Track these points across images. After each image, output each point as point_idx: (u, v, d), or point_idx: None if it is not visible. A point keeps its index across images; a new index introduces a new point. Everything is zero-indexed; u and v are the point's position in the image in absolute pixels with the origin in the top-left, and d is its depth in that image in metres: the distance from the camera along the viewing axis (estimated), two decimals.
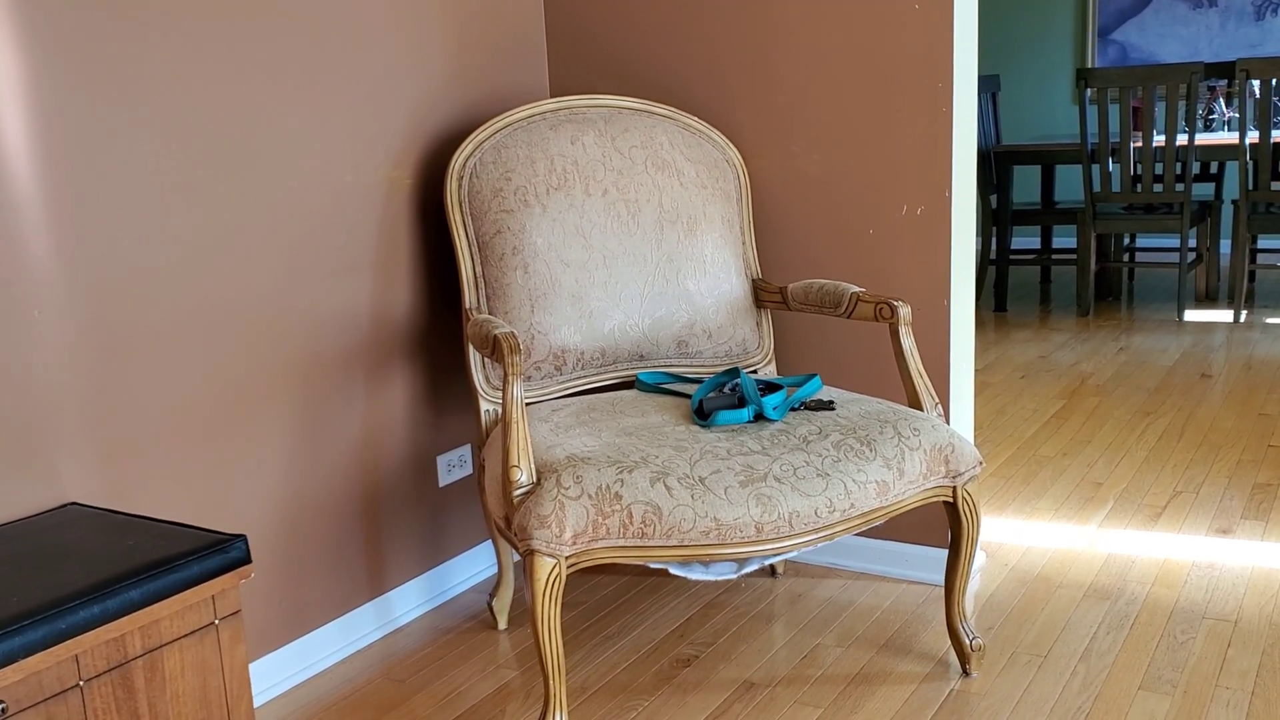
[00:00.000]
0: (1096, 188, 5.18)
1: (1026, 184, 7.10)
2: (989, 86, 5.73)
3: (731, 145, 2.55)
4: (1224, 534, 2.74)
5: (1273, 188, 4.87)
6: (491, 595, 2.42)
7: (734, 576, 1.95)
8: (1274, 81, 4.77)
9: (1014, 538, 2.78)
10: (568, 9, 2.75)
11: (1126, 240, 6.21)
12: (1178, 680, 2.08)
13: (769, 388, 2.22)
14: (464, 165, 2.35)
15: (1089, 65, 6.91)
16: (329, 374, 2.27)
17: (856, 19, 2.42)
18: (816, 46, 2.48)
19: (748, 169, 2.60)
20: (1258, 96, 4.83)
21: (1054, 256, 5.88)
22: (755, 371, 2.49)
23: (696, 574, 1.93)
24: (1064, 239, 6.98)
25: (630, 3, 2.68)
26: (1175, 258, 6.64)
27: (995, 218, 5.58)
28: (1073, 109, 6.96)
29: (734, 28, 2.57)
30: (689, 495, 1.84)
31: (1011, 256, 5.69)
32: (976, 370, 4.43)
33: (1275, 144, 4.83)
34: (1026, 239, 6.98)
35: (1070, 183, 6.82)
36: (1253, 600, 2.38)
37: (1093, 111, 6.76)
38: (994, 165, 5.54)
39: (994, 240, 5.73)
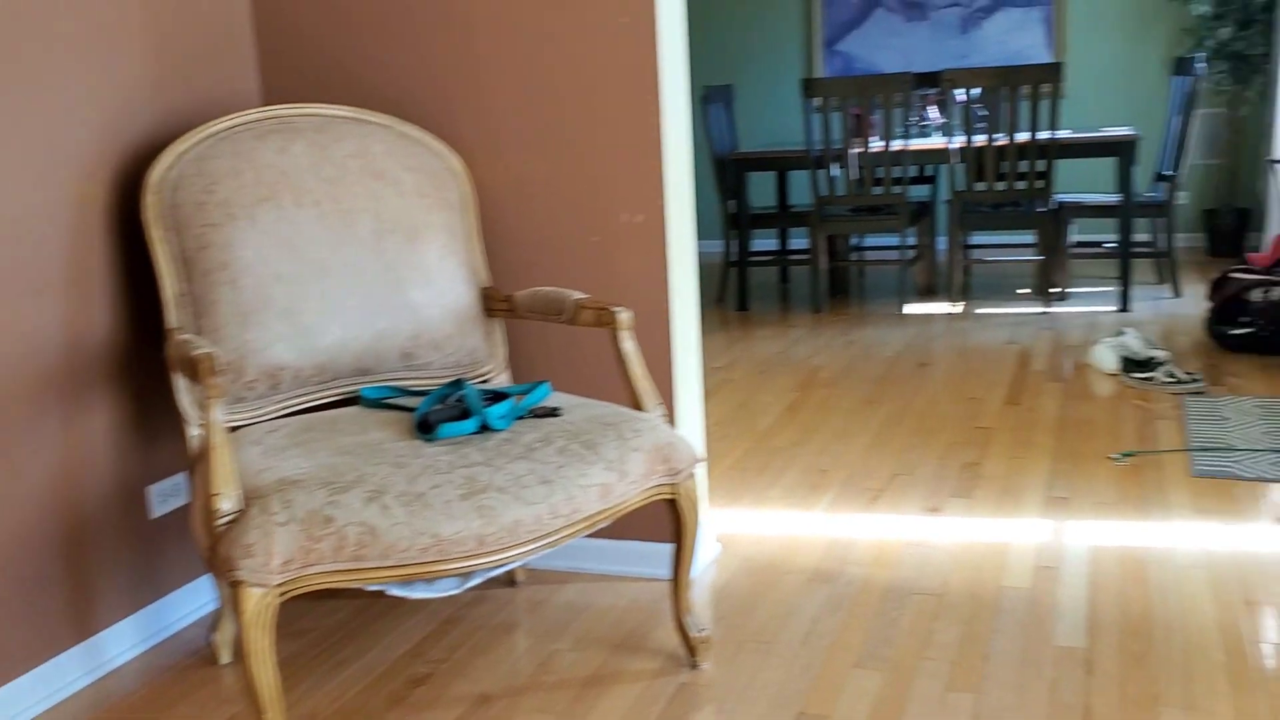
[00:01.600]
0: (824, 191, 5.46)
1: (764, 189, 7.40)
2: (722, 96, 5.93)
3: (453, 153, 2.52)
4: (934, 512, 2.93)
5: (976, 188, 5.27)
6: (213, 629, 2.29)
7: (458, 591, 1.93)
8: (978, 90, 5.17)
9: (748, 528, 2.89)
10: (279, 16, 2.65)
11: (857, 240, 6.58)
12: (888, 656, 2.21)
13: (496, 397, 2.21)
14: (163, 178, 2.22)
15: (817, 75, 7.28)
16: (16, 405, 2.09)
17: (567, 33, 2.45)
18: (530, 59, 2.49)
19: (472, 177, 2.59)
20: (962, 104, 5.21)
21: (790, 257, 6.15)
22: (487, 381, 2.47)
23: (419, 592, 1.90)
24: (800, 240, 7.31)
25: (345, 10, 2.61)
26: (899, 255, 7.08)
27: (735, 222, 5.79)
28: (803, 116, 7.31)
29: (450, 37, 2.54)
30: (406, 513, 1.80)
31: (752, 258, 5.91)
32: (719, 368, 4.58)
33: (978, 148, 5.23)
34: (767, 241, 7.27)
35: (803, 187, 7.15)
36: (958, 574, 2.56)
37: (820, 119, 7.12)
38: (730, 172, 5.74)
39: (736, 243, 5.94)
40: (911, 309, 5.53)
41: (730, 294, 6.12)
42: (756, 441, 3.60)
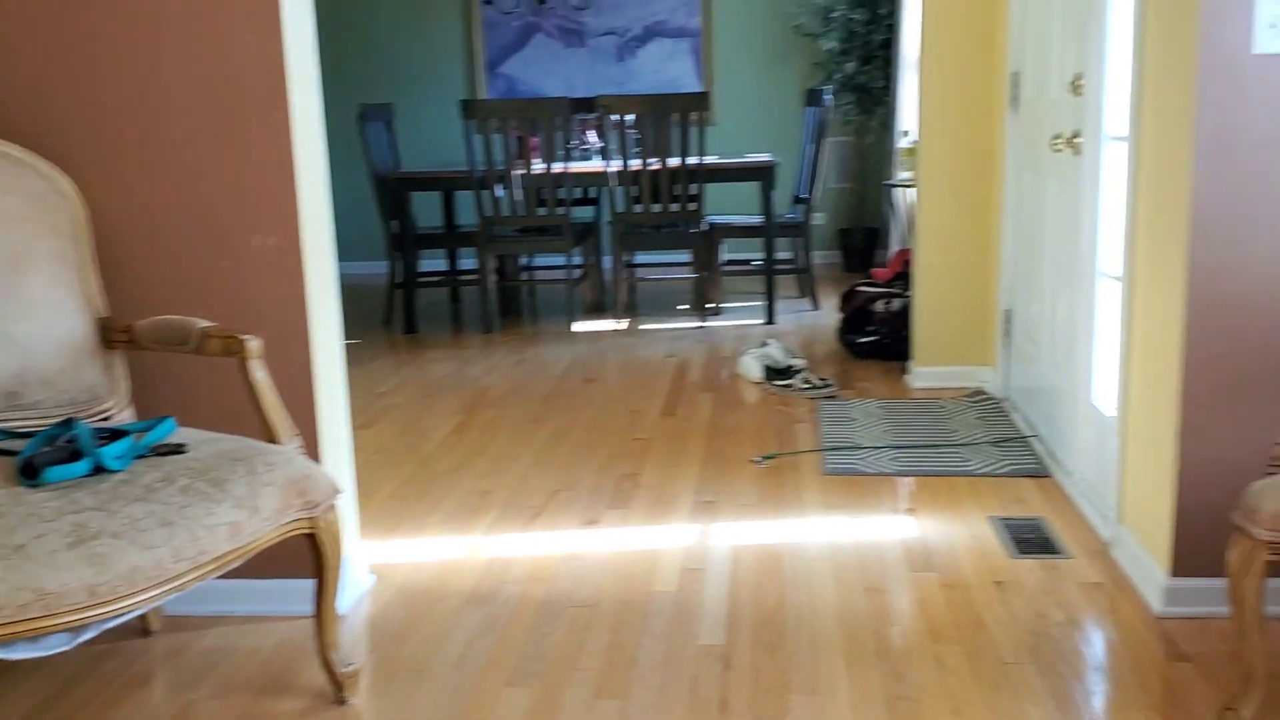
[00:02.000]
0: (489, 212, 5.49)
1: (431, 209, 7.35)
2: (382, 114, 5.85)
3: (63, 175, 2.33)
4: (592, 525, 3.01)
5: (635, 210, 5.49)
6: None
7: (69, 648, 1.78)
8: (633, 116, 5.38)
9: (405, 556, 2.84)
10: None
11: (526, 260, 6.67)
12: (540, 671, 2.24)
13: (113, 436, 2.06)
14: None
15: (481, 96, 7.33)
16: None
17: (189, 49, 2.33)
18: (151, 75, 2.35)
19: (86, 200, 2.40)
20: (618, 129, 5.41)
21: (460, 277, 6.14)
22: (108, 419, 2.30)
23: (21, 653, 1.73)
24: (470, 260, 7.32)
25: None
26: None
27: (399, 242, 5.71)
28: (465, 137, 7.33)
29: (59, 52, 2.35)
30: (2, 567, 1.64)
31: (421, 279, 5.85)
32: (384, 392, 4.50)
33: (635, 172, 5.44)
34: (436, 262, 7.22)
35: (470, 207, 7.17)
36: (611, 584, 2.64)
37: (481, 140, 7.17)
38: (392, 192, 5.66)
39: (401, 264, 5.88)
40: (580, 326, 5.67)
41: (397, 316, 6.03)
42: (419, 467, 3.56)
